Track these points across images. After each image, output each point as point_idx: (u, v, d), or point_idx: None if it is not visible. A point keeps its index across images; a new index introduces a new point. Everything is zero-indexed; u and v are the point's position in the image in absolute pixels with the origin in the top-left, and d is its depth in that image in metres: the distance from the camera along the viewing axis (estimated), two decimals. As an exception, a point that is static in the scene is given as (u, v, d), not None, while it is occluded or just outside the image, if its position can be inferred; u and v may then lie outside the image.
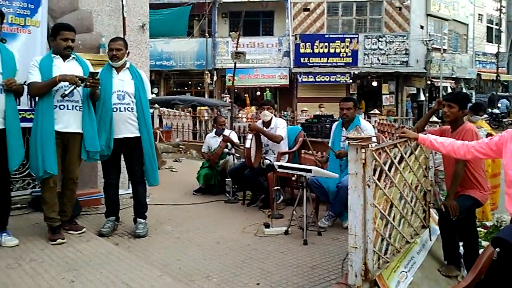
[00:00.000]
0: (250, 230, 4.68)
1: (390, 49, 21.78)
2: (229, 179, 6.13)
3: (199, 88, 23.10)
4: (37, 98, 3.98)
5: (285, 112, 16.66)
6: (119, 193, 4.60)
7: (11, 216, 4.00)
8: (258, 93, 22.42)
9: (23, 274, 3.21)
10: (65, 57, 4.02)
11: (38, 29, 4.62)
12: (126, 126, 4.27)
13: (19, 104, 3.95)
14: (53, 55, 4.02)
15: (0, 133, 3.63)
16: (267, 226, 4.64)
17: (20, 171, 4.63)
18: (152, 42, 17.56)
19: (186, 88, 23.64)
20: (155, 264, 3.67)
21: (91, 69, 4.16)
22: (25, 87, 3.93)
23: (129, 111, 4.27)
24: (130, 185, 4.65)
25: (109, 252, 3.74)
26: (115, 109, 4.22)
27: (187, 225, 4.85)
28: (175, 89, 23.47)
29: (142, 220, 4.45)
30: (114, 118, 4.21)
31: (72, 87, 3.85)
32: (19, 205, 4.72)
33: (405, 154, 3.39)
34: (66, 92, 3.85)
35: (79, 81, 3.86)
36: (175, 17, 21.74)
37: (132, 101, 4.28)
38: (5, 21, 3.98)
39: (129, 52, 4.46)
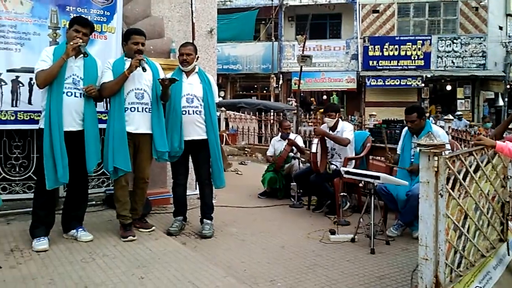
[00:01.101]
0: (315, 236, 4.63)
1: (466, 51, 20.67)
2: (294, 183, 6.09)
3: (265, 91, 23.24)
4: (109, 101, 4.17)
5: (352, 117, 16.31)
6: (187, 194, 4.72)
7: (86, 212, 4.21)
8: (325, 97, 22.16)
9: (96, 268, 3.37)
10: (136, 60, 4.19)
11: (114, 35, 4.85)
12: (194, 129, 4.38)
13: (95, 106, 4.15)
14: (125, 58, 4.20)
15: (79, 134, 3.83)
16: (332, 232, 4.56)
17: (95, 169, 4.85)
18: (220, 46, 17.99)
19: (252, 91, 23.85)
20: (220, 265, 3.71)
21: (161, 72, 4.33)
22: None
23: (197, 114, 4.37)
24: (197, 186, 4.75)
25: (177, 251, 3.84)
26: (184, 112, 4.34)
27: (252, 228, 4.88)
28: (241, 92, 23.78)
29: (208, 221, 4.54)
30: (183, 121, 4.33)
31: (141, 67, 4.01)
32: (94, 202, 4.99)
33: (482, 162, 3.19)
34: (142, 70, 4.04)
35: (140, 56, 4.01)
36: (242, 21, 22.05)
37: (200, 104, 4.39)
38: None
39: (198, 57, 4.57)
